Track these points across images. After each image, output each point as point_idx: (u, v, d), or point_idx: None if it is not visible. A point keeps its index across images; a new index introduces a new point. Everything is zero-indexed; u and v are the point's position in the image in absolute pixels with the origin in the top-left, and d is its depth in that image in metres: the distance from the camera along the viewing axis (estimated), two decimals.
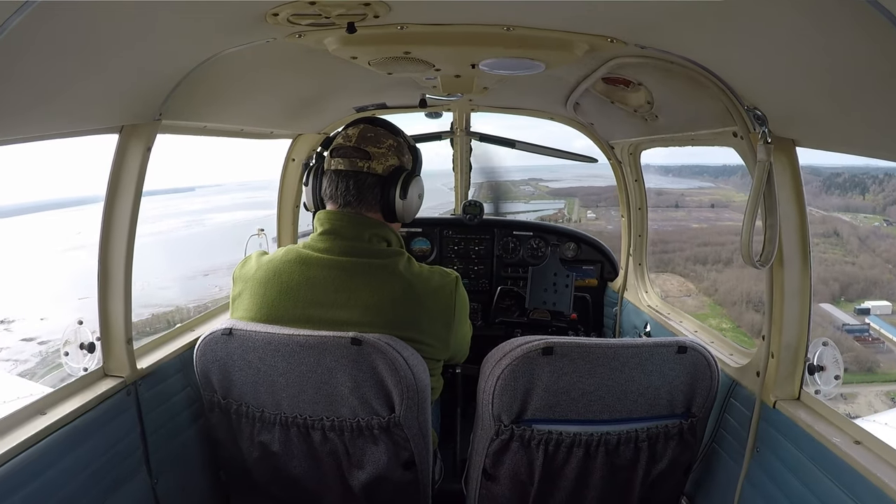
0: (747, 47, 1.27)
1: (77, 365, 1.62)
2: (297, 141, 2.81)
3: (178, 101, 1.58)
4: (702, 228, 30.04)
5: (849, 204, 30.57)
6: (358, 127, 1.67)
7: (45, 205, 33.94)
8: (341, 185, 1.64)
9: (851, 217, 29.27)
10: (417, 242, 3.28)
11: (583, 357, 1.49)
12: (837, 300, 22.66)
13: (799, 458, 1.50)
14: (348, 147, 1.64)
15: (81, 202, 23.22)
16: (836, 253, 26.45)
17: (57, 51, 1.08)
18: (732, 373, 1.84)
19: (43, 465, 1.31)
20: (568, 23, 1.40)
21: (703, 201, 34.88)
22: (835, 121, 1.33)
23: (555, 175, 33.59)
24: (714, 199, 33.99)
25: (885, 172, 28.50)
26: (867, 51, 0.99)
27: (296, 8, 1.23)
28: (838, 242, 28.03)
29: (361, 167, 1.63)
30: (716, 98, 1.54)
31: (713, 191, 36.84)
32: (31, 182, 72.58)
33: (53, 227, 22.28)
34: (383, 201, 1.65)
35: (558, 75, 1.97)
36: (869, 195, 31.21)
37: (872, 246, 27.02)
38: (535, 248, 3.27)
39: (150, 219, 17.42)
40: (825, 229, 30.55)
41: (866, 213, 31.13)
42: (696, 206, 33.35)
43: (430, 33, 1.46)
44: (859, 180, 31.13)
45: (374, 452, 1.57)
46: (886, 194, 31.11)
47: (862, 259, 26.42)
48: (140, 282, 2.10)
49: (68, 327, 1.64)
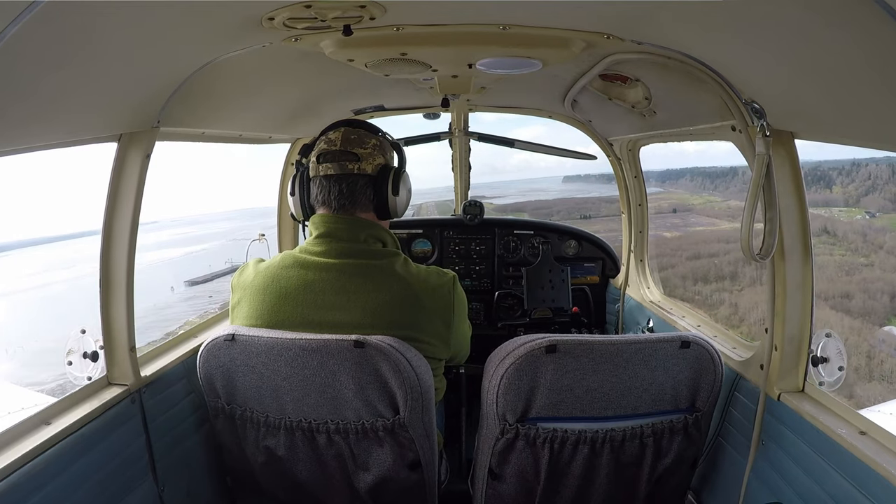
0: (744, 41, 1.26)
1: (81, 374, 1.61)
2: (295, 145, 2.81)
3: (176, 108, 1.58)
4: (679, 238, 28.82)
5: (817, 199, 29.49)
6: (339, 130, 1.67)
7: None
8: (334, 190, 1.64)
9: (826, 212, 28.36)
10: (419, 244, 3.28)
11: (586, 354, 1.49)
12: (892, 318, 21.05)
13: (804, 450, 1.50)
14: (335, 151, 1.64)
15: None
16: (842, 253, 25.09)
17: (54, 60, 1.08)
18: (736, 366, 1.84)
19: (49, 475, 1.31)
20: (564, 20, 1.40)
21: (661, 206, 34.07)
22: (833, 112, 1.33)
23: (496, 192, 33.49)
24: (672, 204, 33.29)
25: (852, 162, 27.81)
26: (864, 42, 0.99)
27: (292, 12, 1.23)
28: (836, 241, 26.96)
29: (352, 169, 1.63)
30: (713, 92, 1.54)
31: (665, 195, 36.35)
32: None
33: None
34: (377, 200, 1.66)
35: (555, 73, 1.98)
36: (837, 187, 30.52)
37: (878, 242, 25.76)
38: (535, 246, 3.27)
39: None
40: (813, 227, 30.07)
41: (840, 206, 30.31)
42: (656, 212, 32.50)
43: (426, 34, 1.46)
44: (822, 173, 30.38)
45: (379, 454, 1.57)
46: (857, 185, 30.33)
47: (881, 260, 24.59)
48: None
49: (71, 336, 1.64)
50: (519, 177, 61.63)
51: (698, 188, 54.99)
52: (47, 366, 13.53)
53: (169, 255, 36.43)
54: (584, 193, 45.60)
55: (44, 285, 20.68)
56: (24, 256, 47.76)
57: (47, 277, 20.00)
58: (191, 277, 39.65)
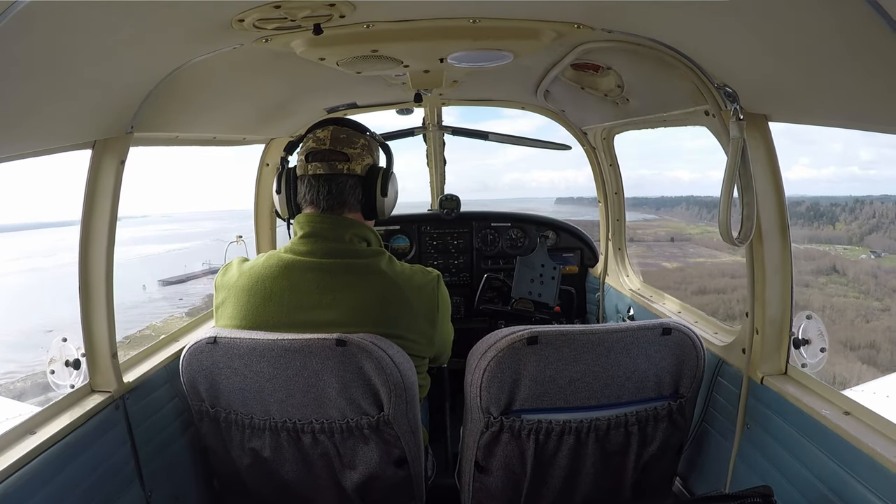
0: (714, 25, 1.26)
1: (63, 382, 1.61)
2: (270, 146, 2.80)
3: (149, 113, 1.57)
4: (682, 270, 27.54)
5: (818, 235, 28.33)
6: (327, 129, 1.66)
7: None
8: (322, 189, 1.63)
9: (829, 249, 27.43)
10: (396, 240, 3.28)
11: (568, 344, 1.49)
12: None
13: (789, 431, 1.51)
14: (324, 150, 1.63)
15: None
16: (856, 296, 23.57)
17: (24, 70, 1.08)
18: (718, 351, 1.85)
19: (37, 485, 1.31)
20: (533, 11, 1.40)
21: (658, 234, 33.11)
22: (806, 94, 1.33)
23: (488, 209, 33.46)
24: (668, 232, 32.37)
25: (856, 199, 26.93)
26: (836, 22, 0.98)
27: (261, 13, 1.23)
28: (847, 282, 25.67)
29: (342, 169, 1.63)
30: (685, 78, 1.54)
31: (661, 222, 35.43)
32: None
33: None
34: (365, 201, 1.66)
35: (527, 64, 1.97)
36: (840, 224, 29.56)
37: (891, 285, 24.30)
38: (513, 238, 3.27)
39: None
40: (818, 266, 27.24)
41: (843, 243, 29.36)
42: (654, 239, 31.65)
43: (396, 30, 1.45)
44: (825, 209, 29.49)
45: (365, 452, 1.57)
46: (861, 223, 29.31)
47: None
48: None
49: (53, 344, 1.64)
50: (510, 195, 62.36)
51: (694, 217, 54.27)
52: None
53: (149, 252, 36.09)
54: (578, 216, 45.71)
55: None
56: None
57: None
58: (165, 277, 39.50)
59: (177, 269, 40.17)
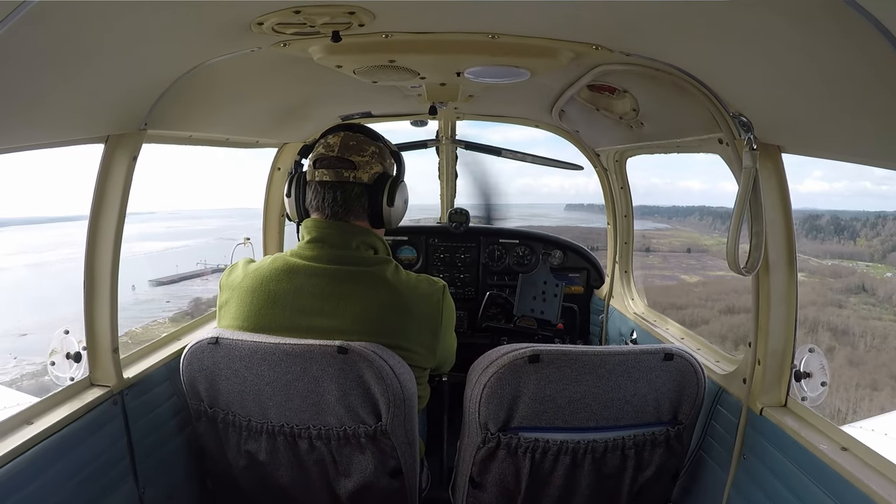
0: (732, 54, 1.27)
1: (63, 374, 1.61)
2: (282, 150, 2.80)
3: (163, 111, 1.58)
4: (704, 284, 25.37)
5: (842, 251, 27.07)
6: (338, 135, 1.66)
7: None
8: (328, 196, 1.63)
9: (854, 265, 26.43)
10: (403, 251, 3.28)
11: (569, 364, 1.49)
12: None
13: (786, 464, 1.50)
14: (332, 157, 1.63)
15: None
16: (891, 318, 21.98)
17: (42, 61, 1.08)
18: (719, 380, 1.84)
19: (30, 476, 1.31)
20: (553, 30, 1.40)
21: (673, 244, 31.89)
22: (820, 127, 1.33)
23: (497, 214, 33.14)
24: (683, 242, 31.33)
25: (878, 215, 25.96)
26: (852, 57, 0.99)
27: (281, 17, 1.23)
28: (877, 302, 24.12)
29: (347, 177, 1.62)
30: (701, 105, 1.54)
31: (674, 232, 34.38)
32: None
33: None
34: (371, 209, 1.65)
35: (543, 83, 1.98)
36: (861, 240, 28.44)
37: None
38: (521, 255, 3.27)
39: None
40: (846, 284, 25.26)
41: (864, 260, 28.18)
42: (669, 250, 30.50)
43: (414, 41, 1.46)
44: (846, 223, 28.35)
45: (360, 461, 1.56)
46: (883, 238, 28.11)
47: None
48: None
49: (55, 336, 1.64)
50: (521, 201, 61.78)
51: (708, 228, 53.39)
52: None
53: (149, 249, 35.72)
54: (587, 223, 45.30)
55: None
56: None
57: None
58: (156, 277, 39.16)
59: (175, 269, 39.93)
